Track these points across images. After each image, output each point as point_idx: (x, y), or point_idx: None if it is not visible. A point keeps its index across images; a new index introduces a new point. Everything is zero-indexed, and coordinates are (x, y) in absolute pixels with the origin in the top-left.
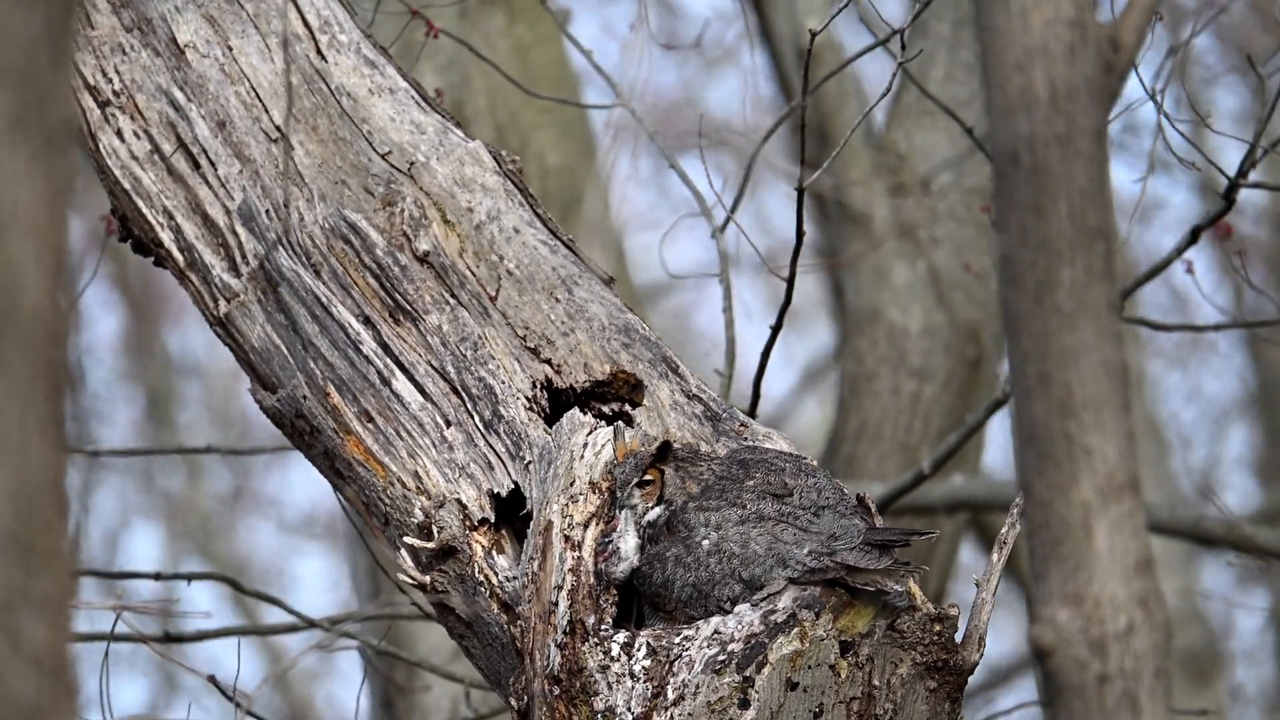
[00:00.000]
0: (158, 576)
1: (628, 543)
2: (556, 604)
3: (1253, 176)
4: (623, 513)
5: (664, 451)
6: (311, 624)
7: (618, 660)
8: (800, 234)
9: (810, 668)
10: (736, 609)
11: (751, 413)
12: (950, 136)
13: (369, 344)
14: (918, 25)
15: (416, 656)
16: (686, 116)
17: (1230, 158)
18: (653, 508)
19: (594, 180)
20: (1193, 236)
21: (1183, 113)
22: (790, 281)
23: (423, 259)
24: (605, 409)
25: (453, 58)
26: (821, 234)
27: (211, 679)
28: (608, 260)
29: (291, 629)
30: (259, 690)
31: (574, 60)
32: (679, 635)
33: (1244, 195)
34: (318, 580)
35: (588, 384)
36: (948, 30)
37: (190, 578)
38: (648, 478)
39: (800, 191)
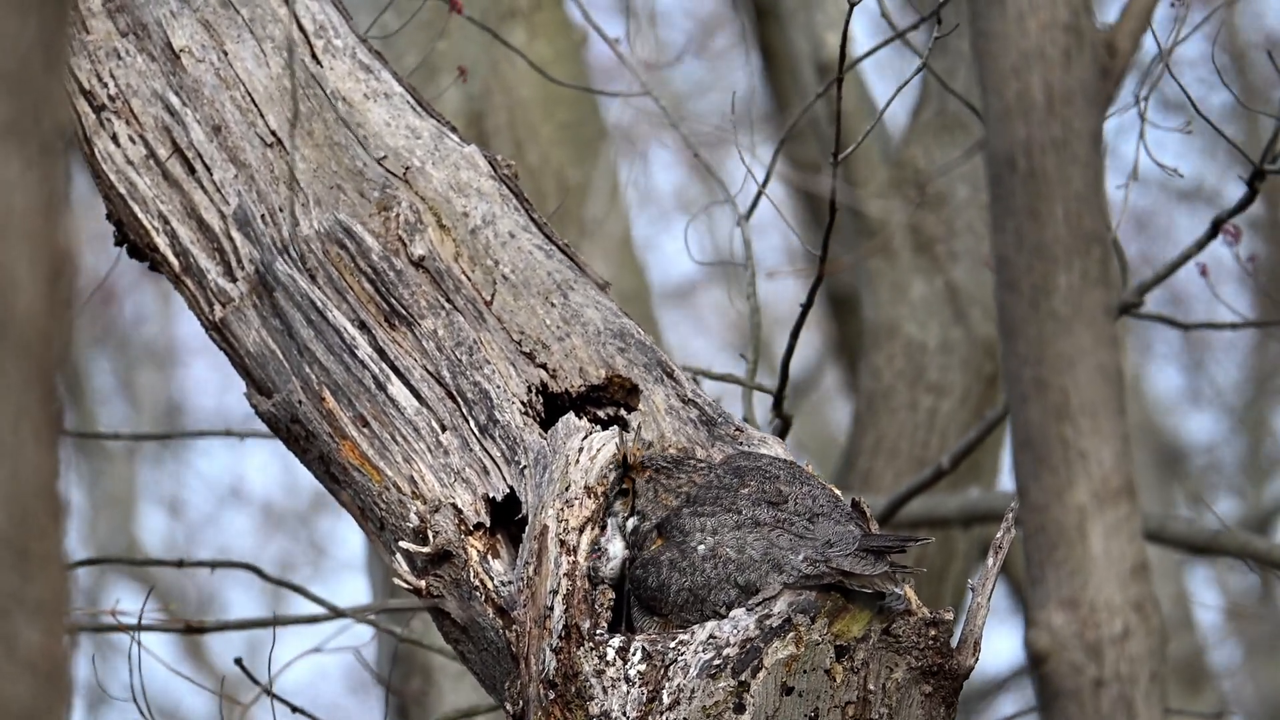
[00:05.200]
0: (180, 564)
1: (615, 546)
2: (552, 608)
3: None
4: (610, 520)
5: (624, 462)
6: (338, 613)
7: (613, 665)
8: (834, 207)
9: (805, 672)
10: (732, 613)
11: (780, 394)
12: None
13: (364, 349)
14: (939, 42)
15: (438, 657)
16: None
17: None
18: (629, 518)
19: (609, 188)
20: (1214, 229)
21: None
22: (823, 255)
23: (418, 264)
24: (600, 413)
25: (472, 71)
26: (836, 249)
27: (239, 662)
28: (623, 270)
29: (313, 619)
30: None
31: (593, 75)
32: (674, 640)
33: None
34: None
35: (583, 388)
36: (968, 48)
37: (213, 565)
38: (625, 487)
39: (835, 164)
